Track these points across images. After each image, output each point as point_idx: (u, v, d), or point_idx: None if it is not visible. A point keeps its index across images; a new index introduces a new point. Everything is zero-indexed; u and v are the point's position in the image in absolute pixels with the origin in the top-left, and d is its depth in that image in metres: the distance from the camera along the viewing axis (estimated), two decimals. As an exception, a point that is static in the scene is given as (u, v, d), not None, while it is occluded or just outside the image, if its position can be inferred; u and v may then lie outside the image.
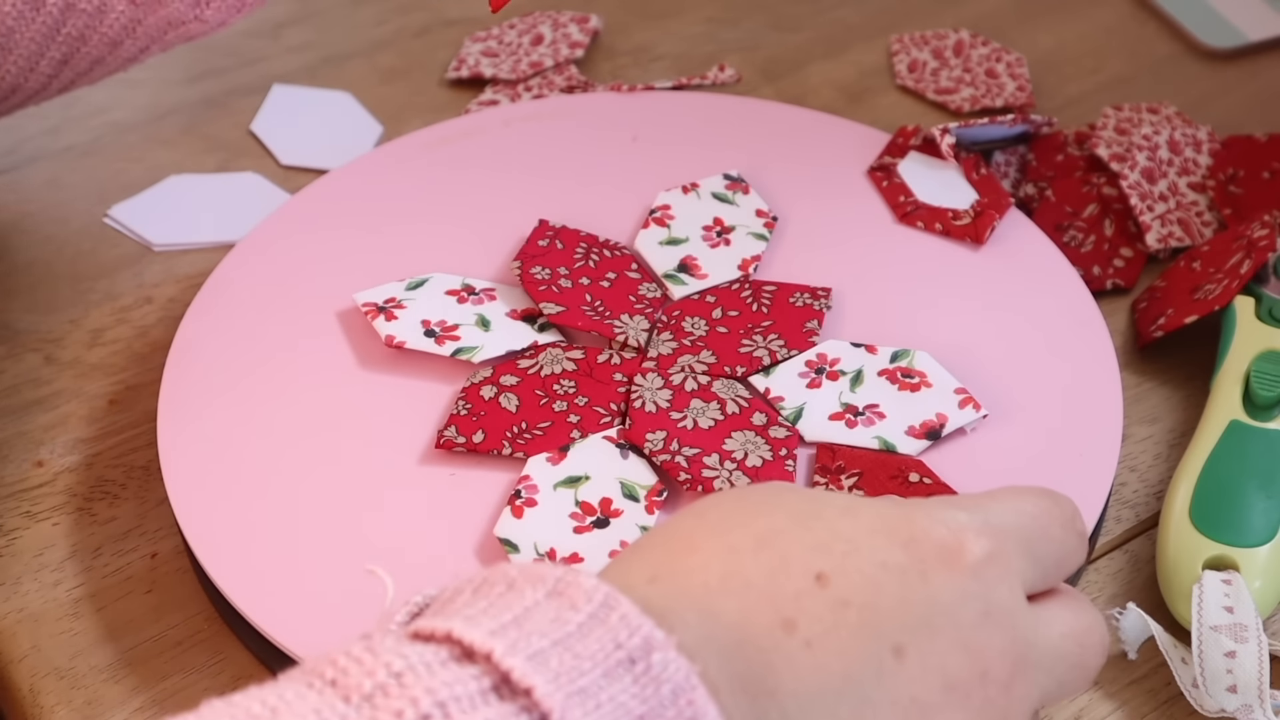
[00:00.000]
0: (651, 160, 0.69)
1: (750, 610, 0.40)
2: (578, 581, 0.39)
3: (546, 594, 0.39)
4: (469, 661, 0.37)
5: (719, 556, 0.41)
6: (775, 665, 0.39)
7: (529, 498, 0.56)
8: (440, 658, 0.37)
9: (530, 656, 0.37)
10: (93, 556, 0.59)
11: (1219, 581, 0.55)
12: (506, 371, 0.60)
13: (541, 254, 0.65)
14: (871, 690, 0.40)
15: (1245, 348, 0.62)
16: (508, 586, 0.39)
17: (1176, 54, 0.82)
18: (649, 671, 0.37)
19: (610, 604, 0.38)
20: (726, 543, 0.41)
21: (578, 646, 0.37)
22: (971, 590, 0.41)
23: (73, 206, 0.73)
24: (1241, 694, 0.52)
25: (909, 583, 0.41)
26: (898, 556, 0.41)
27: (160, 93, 0.79)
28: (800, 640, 0.40)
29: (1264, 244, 0.65)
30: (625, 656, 0.37)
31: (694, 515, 0.43)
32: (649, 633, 0.37)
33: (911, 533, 0.42)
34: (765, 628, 0.40)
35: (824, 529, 0.42)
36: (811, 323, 0.62)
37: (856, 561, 0.41)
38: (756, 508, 0.43)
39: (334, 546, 0.55)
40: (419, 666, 0.36)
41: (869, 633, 0.40)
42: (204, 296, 0.64)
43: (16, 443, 0.63)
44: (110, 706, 0.55)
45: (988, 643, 0.41)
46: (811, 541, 0.41)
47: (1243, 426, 0.60)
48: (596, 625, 0.38)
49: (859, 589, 0.41)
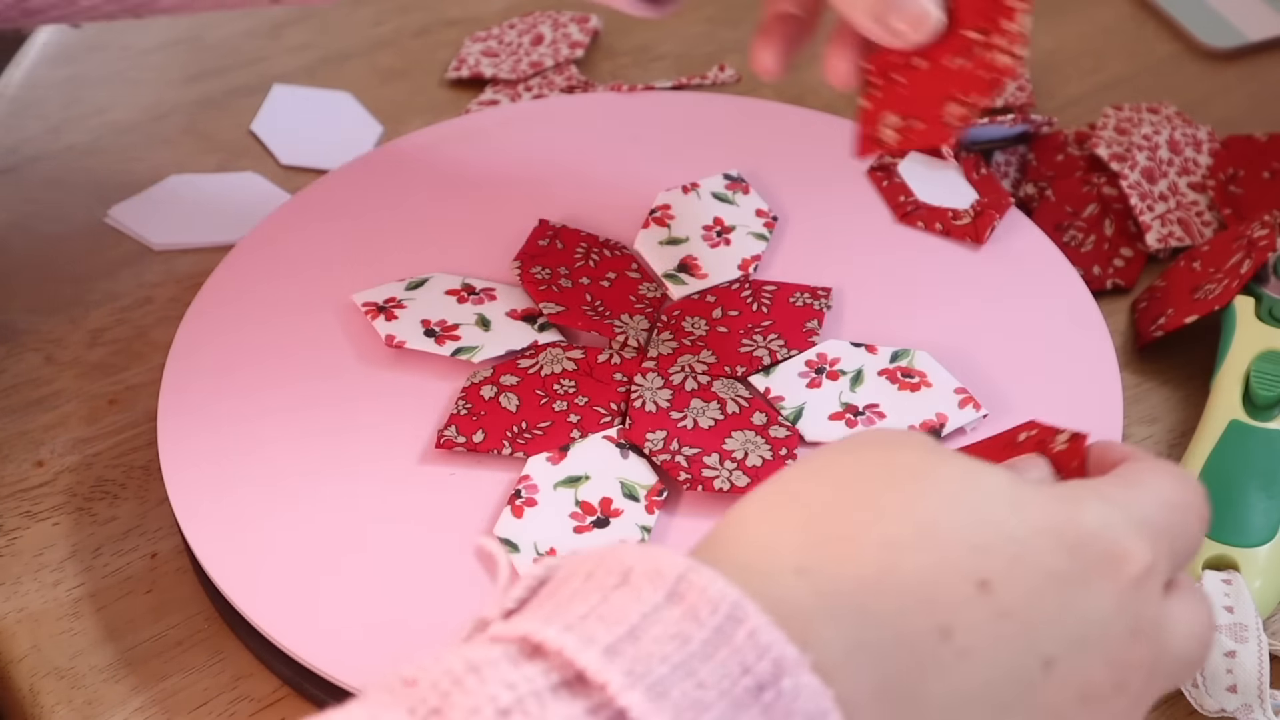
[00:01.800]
0: (651, 160, 0.69)
1: (907, 613, 0.38)
2: (702, 585, 0.36)
3: (666, 596, 0.36)
4: (581, 689, 0.34)
5: (875, 551, 0.38)
6: (925, 671, 0.38)
7: (529, 497, 0.56)
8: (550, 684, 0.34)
9: (649, 688, 0.34)
10: (93, 556, 0.59)
11: (1219, 581, 0.55)
12: (506, 371, 0.60)
13: (541, 254, 0.65)
14: (1013, 699, 0.38)
15: (1245, 348, 0.62)
16: (623, 578, 0.37)
17: (1176, 54, 0.82)
18: (779, 701, 0.35)
19: (738, 616, 0.35)
20: (883, 533, 0.39)
21: (701, 672, 0.35)
22: (1127, 605, 0.40)
23: (73, 206, 0.73)
24: (1241, 694, 0.52)
25: (1070, 593, 0.39)
26: (1063, 564, 0.39)
27: (160, 93, 0.79)
28: (955, 648, 0.38)
29: (1264, 244, 0.65)
30: (753, 684, 0.35)
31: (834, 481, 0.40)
32: (780, 653, 0.35)
33: (1079, 536, 0.40)
34: (921, 632, 0.38)
35: (990, 526, 0.39)
36: (811, 322, 0.62)
37: (1023, 569, 0.39)
38: (910, 477, 0.40)
39: (334, 546, 0.55)
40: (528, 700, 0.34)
41: (1023, 645, 0.38)
42: (204, 296, 0.64)
43: (16, 443, 0.63)
44: (110, 706, 0.55)
45: (1130, 658, 0.40)
46: (977, 541, 0.39)
47: (1243, 426, 0.60)
48: (722, 644, 0.35)
49: (1021, 598, 0.39)
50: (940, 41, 0.55)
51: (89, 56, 0.79)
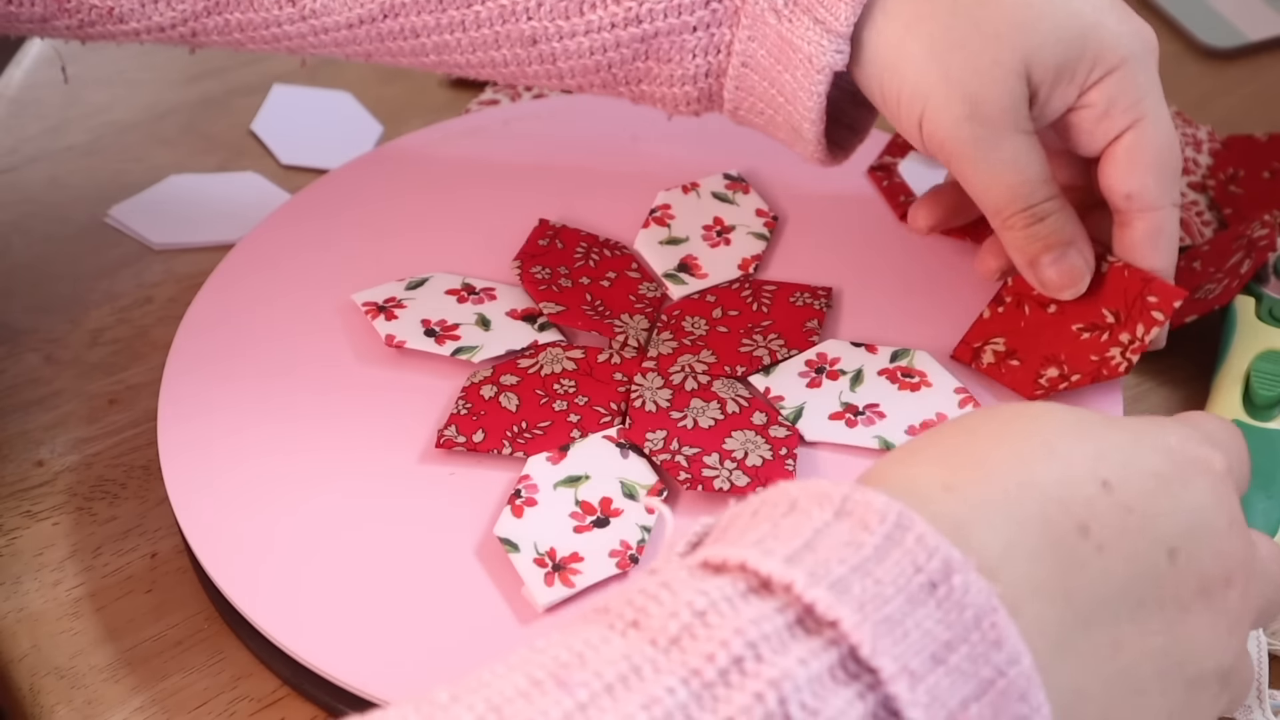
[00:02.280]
0: (651, 160, 0.69)
1: (1050, 515, 0.40)
2: (868, 500, 0.38)
3: (835, 514, 0.38)
4: (768, 593, 0.36)
5: (1011, 464, 0.41)
6: (1071, 570, 0.40)
7: (529, 497, 0.56)
8: (739, 590, 0.36)
9: (831, 585, 0.36)
10: (93, 556, 0.59)
11: None
12: (506, 371, 0.60)
13: (541, 254, 0.65)
14: (1147, 592, 0.41)
15: (1246, 347, 0.63)
16: (790, 507, 0.39)
17: (1176, 54, 0.82)
18: (951, 595, 0.37)
19: (905, 524, 0.38)
20: (1013, 450, 0.42)
21: (877, 571, 0.37)
22: (1223, 497, 0.43)
23: (73, 206, 0.73)
24: (1242, 693, 0.52)
25: (1175, 490, 0.42)
26: (1164, 464, 0.43)
27: (160, 93, 0.79)
28: (1094, 544, 0.41)
29: (1264, 244, 0.65)
30: (926, 580, 0.37)
31: (961, 432, 0.43)
32: (947, 554, 0.37)
33: (1169, 443, 0.43)
34: (1064, 532, 0.40)
35: (1098, 438, 0.43)
36: (811, 322, 0.62)
37: (1134, 469, 0.42)
38: (1029, 421, 0.43)
39: (334, 546, 0.55)
40: (721, 604, 0.36)
41: (1150, 537, 0.41)
42: (204, 296, 0.64)
43: (16, 443, 0.63)
44: (110, 706, 0.55)
45: (1233, 549, 0.43)
46: (1092, 450, 0.42)
47: (1244, 427, 0.60)
48: (893, 547, 0.38)
49: (1139, 495, 0.42)
50: (1078, 301, 0.58)
51: (89, 56, 0.79)
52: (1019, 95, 0.56)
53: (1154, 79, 0.57)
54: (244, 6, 0.60)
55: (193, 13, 0.60)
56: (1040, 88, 0.56)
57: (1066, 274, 0.58)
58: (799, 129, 0.59)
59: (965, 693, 0.37)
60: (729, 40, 0.58)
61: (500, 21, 0.59)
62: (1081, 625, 0.40)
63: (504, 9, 0.58)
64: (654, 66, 0.59)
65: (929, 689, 0.36)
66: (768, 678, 0.35)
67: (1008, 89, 0.56)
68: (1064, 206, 0.58)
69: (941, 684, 0.36)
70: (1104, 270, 0.59)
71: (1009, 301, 0.60)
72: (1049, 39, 0.56)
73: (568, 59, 0.59)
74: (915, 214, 0.64)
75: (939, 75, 0.55)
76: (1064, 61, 0.56)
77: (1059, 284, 0.59)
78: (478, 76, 0.63)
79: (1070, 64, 0.56)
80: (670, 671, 0.35)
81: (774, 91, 0.58)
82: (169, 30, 0.61)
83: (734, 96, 0.59)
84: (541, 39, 0.59)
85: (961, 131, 0.56)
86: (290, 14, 0.60)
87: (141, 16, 0.61)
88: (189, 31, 0.62)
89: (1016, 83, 0.56)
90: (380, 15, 0.60)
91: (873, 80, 0.57)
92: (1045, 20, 0.56)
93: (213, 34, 0.62)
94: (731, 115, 0.61)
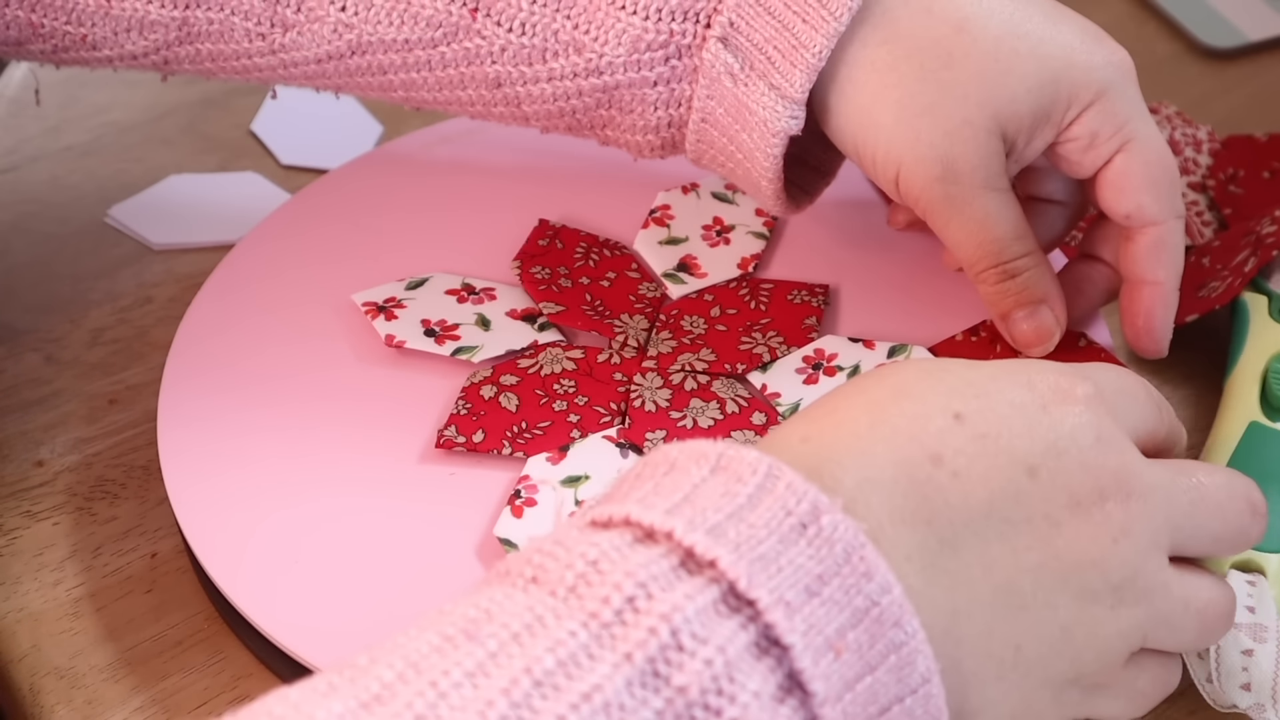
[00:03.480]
0: (651, 161, 0.69)
1: (900, 449, 0.44)
2: (739, 455, 0.42)
3: (710, 470, 0.41)
4: (652, 542, 0.40)
5: (862, 409, 0.45)
6: (929, 497, 0.43)
7: (529, 497, 0.56)
8: (626, 541, 0.40)
9: (709, 531, 0.40)
10: (93, 556, 0.59)
11: (1243, 582, 0.54)
12: (506, 371, 0.60)
13: (541, 254, 0.65)
14: (1011, 510, 0.44)
15: (1260, 348, 0.61)
16: (670, 467, 0.42)
17: (1176, 54, 0.82)
18: (820, 534, 0.40)
19: (774, 473, 0.41)
20: (867, 398, 0.45)
21: (750, 517, 0.40)
22: (1085, 418, 0.46)
23: (73, 206, 0.73)
24: (1255, 693, 0.52)
25: (1033, 414, 0.45)
26: (1021, 395, 0.46)
27: (160, 93, 0.79)
28: (948, 471, 0.44)
29: (1271, 240, 0.64)
30: (797, 522, 0.40)
31: (830, 394, 0.47)
32: (815, 498, 0.41)
33: (1029, 377, 0.46)
34: (916, 463, 0.43)
35: (954, 378, 0.46)
36: (810, 319, 0.62)
37: (988, 400, 0.45)
38: (888, 372, 0.47)
39: (334, 546, 0.55)
40: (611, 553, 0.39)
41: (1006, 458, 0.44)
42: (204, 296, 0.64)
43: (16, 443, 0.63)
44: (110, 706, 0.55)
45: (1103, 461, 0.45)
46: (945, 388, 0.45)
47: (1262, 429, 0.59)
48: (765, 495, 0.41)
49: (993, 422, 0.45)
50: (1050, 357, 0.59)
51: (89, 57, 0.79)
52: (991, 151, 0.56)
53: (1135, 101, 0.57)
54: (215, 38, 0.61)
55: (164, 42, 0.61)
56: (1016, 138, 0.57)
57: (1036, 331, 0.59)
58: (758, 185, 0.59)
59: (841, 621, 0.40)
60: (689, 95, 0.58)
61: (465, 63, 0.60)
62: (949, 548, 0.43)
63: (469, 52, 0.59)
64: (616, 115, 0.60)
65: (805, 618, 0.39)
66: (659, 612, 0.38)
67: (978, 147, 0.56)
68: (1039, 263, 0.58)
69: (817, 614, 0.39)
70: (1080, 345, 0.61)
71: (983, 335, 0.61)
72: (1019, 91, 0.56)
73: (531, 103, 0.60)
74: (894, 212, 0.65)
75: (910, 139, 0.56)
76: (1037, 110, 0.56)
77: (1029, 340, 0.59)
78: (446, 112, 0.64)
79: (1043, 110, 0.56)
80: (570, 617, 0.38)
81: (733, 148, 0.58)
82: (141, 58, 0.62)
83: (695, 148, 0.60)
84: (506, 83, 0.60)
85: (934, 191, 0.57)
86: (260, 47, 0.61)
87: (114, 45, 0.62)
88: (161, 60, 0.62)
89: (988, 139, 0.56)
90: (348, 52, 0.60)
91: (845, 141, 0.58)
92: (1012, 74, 0.56)
93: (184, 63, 0.62)
94: (694, 162, 0.61)
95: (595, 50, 0.57)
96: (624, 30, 0.57)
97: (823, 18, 0.55)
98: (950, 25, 0.56)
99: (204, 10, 0.60)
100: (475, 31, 0.58)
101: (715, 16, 0.56)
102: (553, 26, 0.58)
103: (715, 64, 0.57)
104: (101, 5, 0.60)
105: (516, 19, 0.58)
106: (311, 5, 0.59)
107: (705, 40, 0.57)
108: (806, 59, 0.55)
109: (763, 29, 0.56)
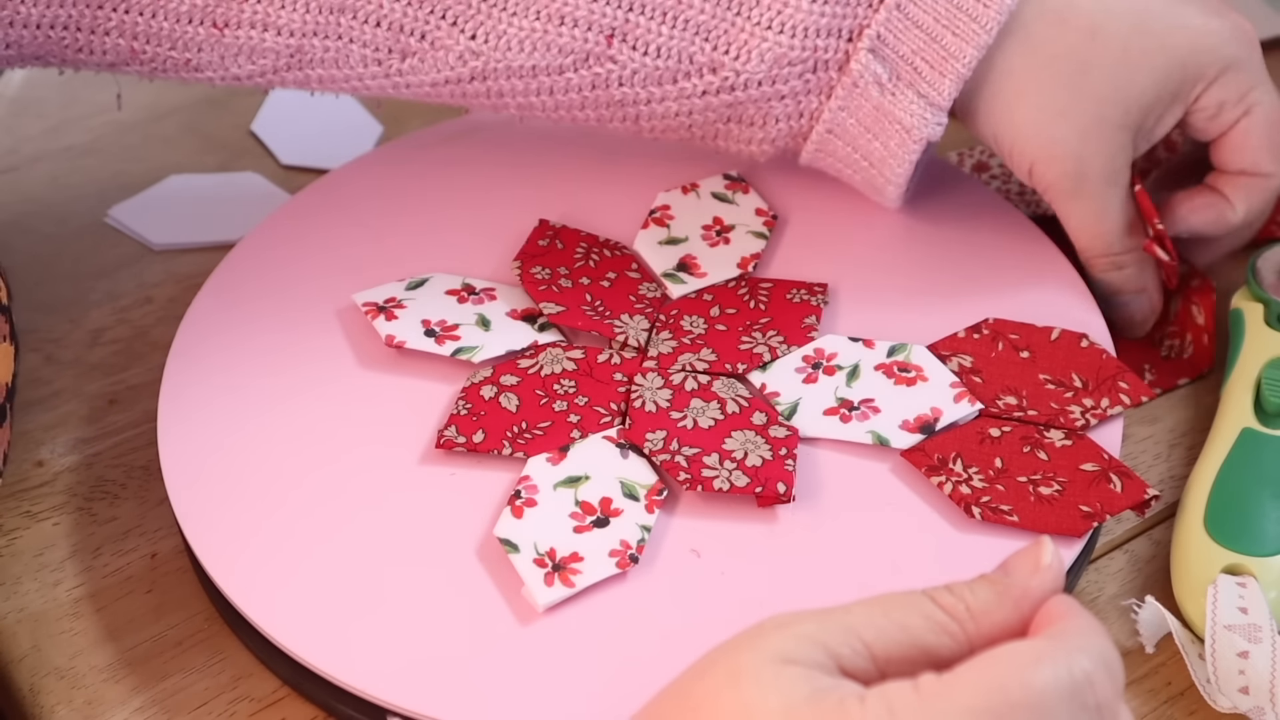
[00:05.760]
0: (651, 160, 0.69)
1: None
2: None
3: None
4: None
5: None
6: None
7: (529, 498, 0.56)
8: None
9: None
10: (93, 556, 0.59)
11: (1233, 584, 0.54)
12: (506, 371, 0.60)
13: (541, 254, 0.65)
14: None
15: (1255, 354, 0.62)
16: None
17: (1176, 53, 0.82)
18: None
19: None
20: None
21: None
22: None
23: (73, 206, 0.73)
24: (1254, 695, 0.52)
25: None
26: None
27: (160, 93, 0.79)
28: None
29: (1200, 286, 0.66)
30: None
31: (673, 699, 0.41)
32: None
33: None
34: None
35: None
36: (810, 318, 0.62)
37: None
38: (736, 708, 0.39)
39: (334, 546, 0.55)
40: None
41: None
42: (204, 296, 0.64)
43: (16, 443, 0.63)
44: (110, 706, 0.55)
45: None
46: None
47: (1255, 434, 0.59)
48: None
49: None
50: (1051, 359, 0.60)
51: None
52: (1119, 146, 0.61)
53: (1257, 69, 0.62)
54: (329, 64, 0.61)
55: (274, 67, 0.61)
56: (1146, 121, 0.61)
57: (1134, 315, 0.65)
58: (881, 189, 0.63)
59: None
60: (815, 108, 0.61)
61: (590, 88, 0.61)
62: None
63: (597, 76, 0.60)
64: (735, 128, 0.62)
65: None
66: None
67: (1108, 144, 0.60)
68: (1140, 259, 0.63)
69: None
70: (1084, 346, 0.61)
71: (986, 334, 0.61)
72: (1147, 85, 0.60)
73: (651, 120, 0.62)
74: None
75: (1046, 139, 0.60)
76: (1165, 94, 0.61)
77: (1127, 322, 0.65)
78: (553, 124, 0.65)
79: (1171, 93, 0.61)
80: None
81: (857, 156, 0.62)
82: (244, 80, 0.62)
83: (811, 156, 0.63)
84: (629, 103, 0.61)
85: (1064, 184, 0.61)
86: (375, 72, 0.61)
87: (219, 68, 0.61)
88: (265, 81, 0.62)
89: (1117, 134, 0.60)
90: (469, 78, 0.61)
91: (985, 135, 0.62)
92: (1141, 71, 0.60)
93: (290, 84, 0.62)
94: (803, 163, 0.64)
95: (733, 69, 0.59)
96: (769, 49, 0.59)
97: (973, 31, 0.59)
98: (1082, 34, 0.60)
99: (321, 39, 0.60)
100: (609, 58, 0.59)
101: (865, 30, 0.59)
102: (689, 50, 0.59)
103: (864, 74, 0.59)
104: (213, 34, 0.60)
105: (653, 44, 0.59)
106: (438, 34, 0.59)
107: (850, 54, 0.59)
108: (956, 68, 0.59)
109: (910, 41, 0.59)
